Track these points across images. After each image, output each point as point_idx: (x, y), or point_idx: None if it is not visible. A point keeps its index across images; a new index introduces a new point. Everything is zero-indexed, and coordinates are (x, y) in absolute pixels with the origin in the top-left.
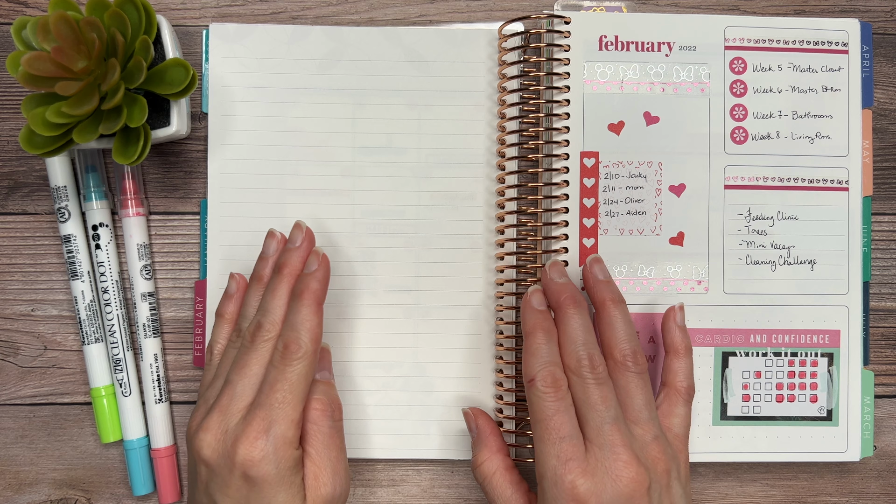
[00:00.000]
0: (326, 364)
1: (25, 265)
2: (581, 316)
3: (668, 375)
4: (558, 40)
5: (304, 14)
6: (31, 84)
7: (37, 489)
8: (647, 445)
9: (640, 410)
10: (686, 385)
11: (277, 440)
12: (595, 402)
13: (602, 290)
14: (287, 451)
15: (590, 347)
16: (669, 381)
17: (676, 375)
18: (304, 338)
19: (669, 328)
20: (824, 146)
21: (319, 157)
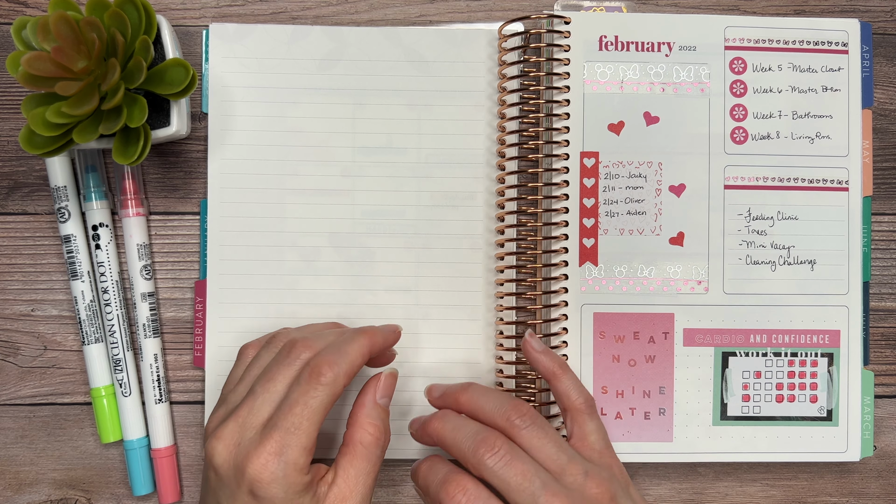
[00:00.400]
0: (389, 391)
1: (25, 265)
2: (450, 418)
3: (560, 400)
4: (558, 40)
5: (304, 14)
6: (31, 84)
7: (37, 489)
8: (583, 487)
9: (556, 458)
10: (582, 400)
11: (288, 466)
12: (517, 483)
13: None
14: (297, 478)
15: (477, 434)
16: (565, 404)
17: (568, 396)
18: (342, 365)
19: (534, 359)
20: (824, 146)
21: (319, 157)
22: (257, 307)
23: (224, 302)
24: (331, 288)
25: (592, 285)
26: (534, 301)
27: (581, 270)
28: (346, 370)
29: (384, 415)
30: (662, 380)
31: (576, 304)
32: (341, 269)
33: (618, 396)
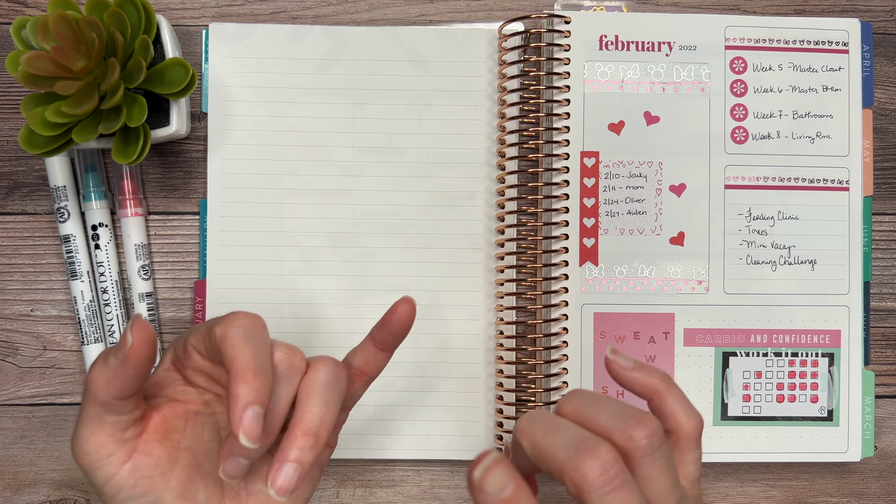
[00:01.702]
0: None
1: (25, 265)
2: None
3: (666, 421)
4: (558, 40)
5: (304, 14)
6: (31, 84)
7: (36, 489)
8: None
9: (666, 499)
10: (693, 425)
11: None
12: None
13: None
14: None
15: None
16: (671, 426)
17: (676, 419)
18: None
19: (629, 379)
20: (825, 146)
21: (319, 157)
22: (257, 307)
23: (224, 302)
24: (331, 288)
25: (593, 285)
26: (534, 301)
27: (581, 270)
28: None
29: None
30: None
31: (576, 304)
32: (341, 269)
33: (618, 397)
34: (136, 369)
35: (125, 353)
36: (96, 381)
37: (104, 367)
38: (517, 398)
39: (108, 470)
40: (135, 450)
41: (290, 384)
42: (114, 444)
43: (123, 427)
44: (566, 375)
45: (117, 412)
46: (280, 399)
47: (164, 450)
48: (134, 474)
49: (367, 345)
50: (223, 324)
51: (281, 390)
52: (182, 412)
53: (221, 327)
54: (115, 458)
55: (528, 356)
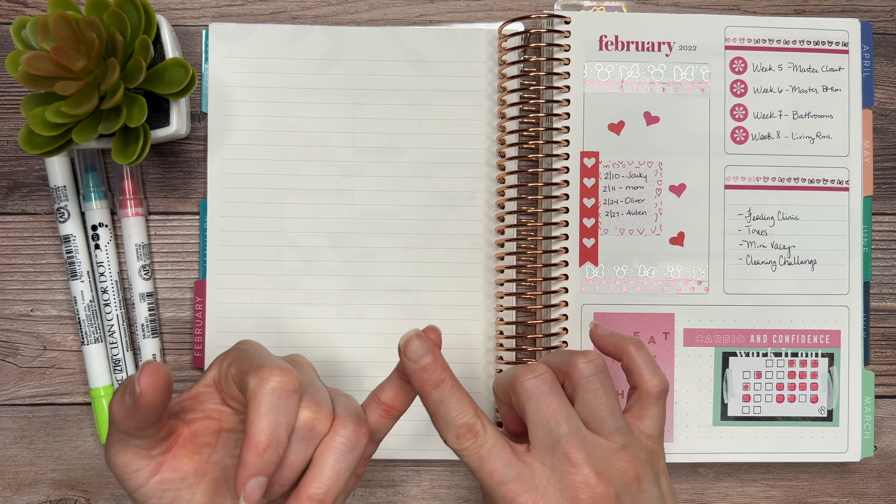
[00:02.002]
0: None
1: (25, 265)
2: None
3: (631, 377)
4: (558, 40)
5: (303, 14)
6: (31, 84)
7: (36, 489)
8: (613, 454)
9: (602, 422)
10: (656, 383)
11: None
12: (544, 417)
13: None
14: None
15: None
16: (636, 381)
17: (641, 375)
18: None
19: (603, 343)
20: (825, 146)
21: (319, 157)
22: (257, 307)
23: (224, 302)
24: (331, 288)
25: (592, 285)
26: (534, 301)
27: (581, 270)
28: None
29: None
30: None
31: (576, 304)
32: (341, 269)
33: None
34: (148, 412)
35: (135, 398)
36: (116, 413)
37: (121, 403)
38: None
39: (137, 481)
40: (162, 465)
41: (308, 447)
42: (141, 461)
43: (149, 447)
44: None
45: (139, 438)
46: (296, 460)
47: (192, 464)
48: (160, 487)
49: (394, 378)
50: (256, 379)
51: (298, 452)
52: (215, 429)
53: (254, 384)
54: (143, 472)
55: (528, 356)
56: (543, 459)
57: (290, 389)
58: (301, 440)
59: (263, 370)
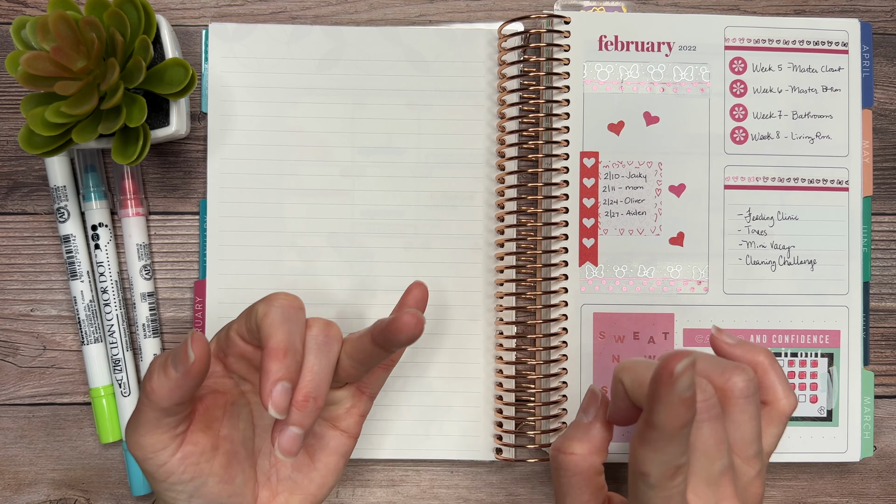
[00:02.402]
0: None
1: (25, 265)
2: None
3: (766, 393)
4: (558, 40)
5: (303, 14)
6: (31, 84)
7: (36, 489)
8: (749, 484)
9: (749, 446)
10: (788, 402)
11: None
12: (707, 446)
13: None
14: None
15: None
16: (769, 399)
17: (776, 392)
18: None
19: (733, 355)
20: (824, 146)
21: (319, 157)
22: None
23: (224, 302)
24: (331, 288)
25: (592, 285)
26: (534, 301)
27: (581, 270)
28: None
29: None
30: None
31: (576, 304)
32: (341, 269)
33: None
34: (197, 381)
35: (187, 367)
36: (158, 391)
37: (165, 378)
38: (517, 398)
39: (161, 459)
40: (184, 440)
41: (329, 353)
42: (167, 439)
43: (176, 424)
44: (566, 375)
45: (174, 414)
46: (324, 366)
47: (207, 438)
48: (183, 462)
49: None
50: (265, 303)
51: (322, 358)
52: (222, 402)
53: (263, 306)
54: (167, 450)
55: (528, 356)
56: (699, 491)
57: (297, 306)
58: (319, 349)
59: (269, 296)
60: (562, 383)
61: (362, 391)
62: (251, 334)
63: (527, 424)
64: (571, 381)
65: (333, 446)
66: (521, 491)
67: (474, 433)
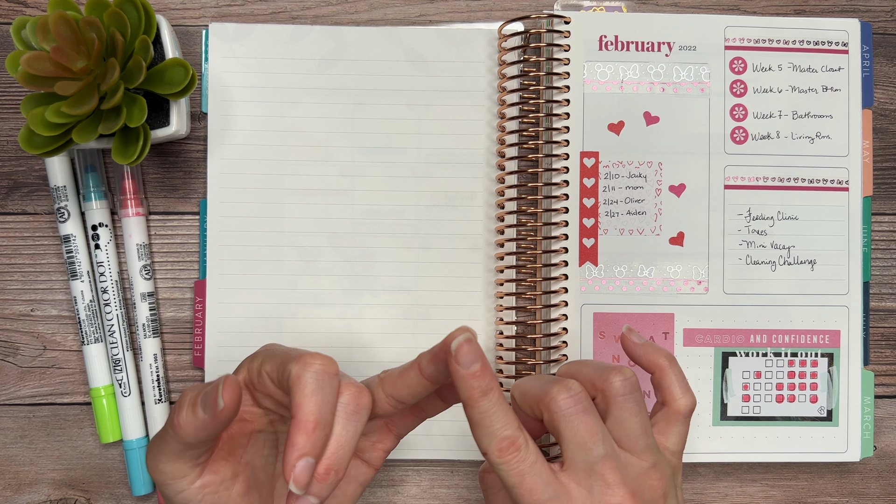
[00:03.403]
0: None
1: (25, 265)
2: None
3: (662, 393)
4: (558, 40)
5: (303, 14)
6: (31, 84)
7: (36, 489)
8: (644, 474)
9: (636, 440)
10: (685, 402)
11: None
12: (581, 438)
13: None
14: None
15: (557, 380)
16: (666, 398)
17: (672, 392)
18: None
19: (636, 353)
20: (824, 146)
21: (319, 157)
22: (257, 307)
23: (224, 302)
24: (331, 288)
25: (592, 285)
26: (534, 301)
27: (581, 270)
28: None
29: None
30: None
31: (576, 304)
32: (341, 269)
33: None
34: (225, 424)
35: (215, 412)
36: (185, 428)
37: (192, 416)
38: None
39: (180, 486)
40: (204, 469)
41: (357, 423)
42: (188, 468)
43: (199, 455)
44: None
45: (198, 448)
46: (350, 437)
47: (228, 466)
48: (202, 490)
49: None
50: (299, 365)
51: (349, 429)
52: (248, 430)
53: (297, 369)
54: (187, 479)
55: (528, 356)
56: (580, 480)
57: (332, 372)
58: (348, 418)
59: (305, 356)
60: None
61: (390, 429)
62: (282, 385)
63: None
64: None
65: (353, 475)
66: None
67: None
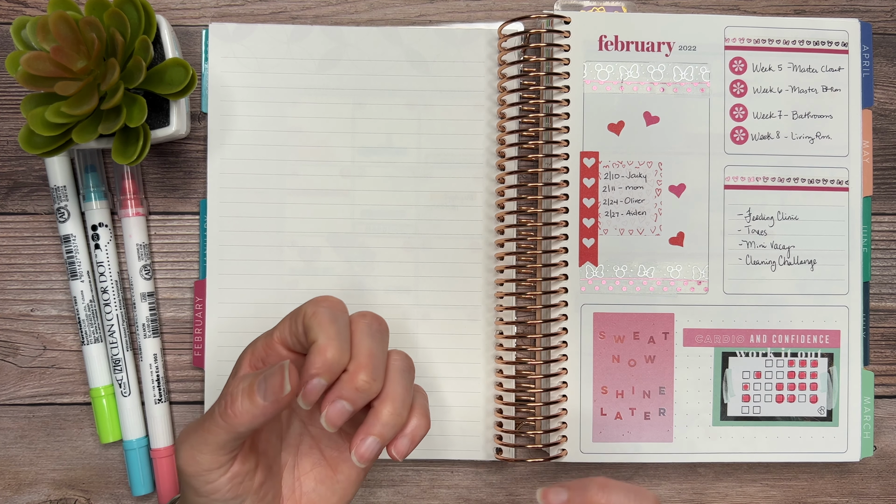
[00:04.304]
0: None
1: (25, 265)
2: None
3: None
4: (558, 40)
5: (303, 14)
6: (31, 84)
7: (36, 489)
8: None
9: None
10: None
11: None
12: None
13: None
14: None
15: None
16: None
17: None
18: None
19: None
20: (824, 146)
21: (319, 157)
22: (257, 307)
23: (224, 302)
24: (331, 288)
25: (592, 285)
26: (534, 301)
27: (581, 270)
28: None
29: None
30: (662, 380)
31: (576, 304)
32: (341, 269)
33: (618, 396)
34: (283, 408)
35: (279, 396)
36: (241, 417)
37: (250, 405)
38: (517, 398)
39: (212, 478)
40: (234, 460)
41: (383, 341)
42: (225, 459)
43: (237, 446)
44: (566, 375)
45: (243, 438)
46: (381, 351)
47: (253, 456)
48: (231, 481)
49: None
50: (312, 304)
51: (378, 344)
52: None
53: (311, 306)
54: (221, 469)
55: (528, 356)
56: None
57: (342, 308)
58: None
59: (316, 298)
60: (562, 383)
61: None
62: (295, 337)
63: (527, 424)
64: (571, 381)
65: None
66: (521, 491)
67: (474, 433)
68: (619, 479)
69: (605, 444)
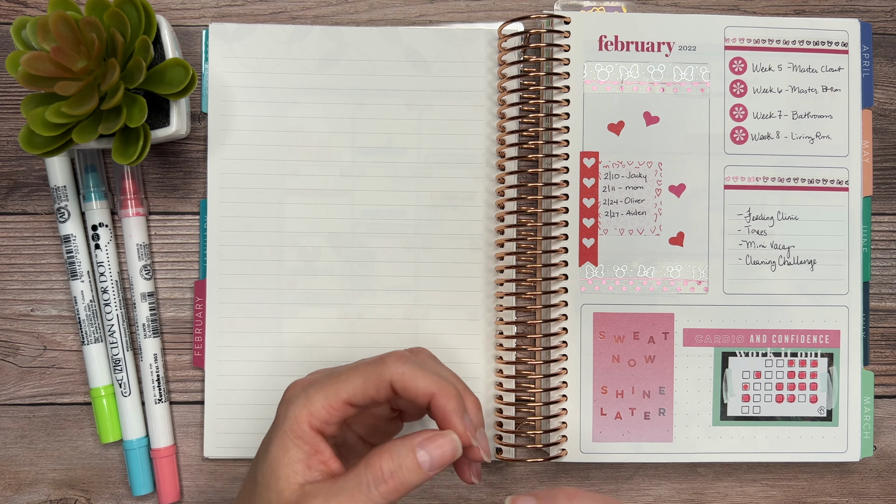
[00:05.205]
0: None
1: (25, 265)
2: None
3: None
4: (558, 40)
5: (303, 14)
6: (31, 84)
7: (36, 489)
8: None
9: None
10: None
11: None
12: None
13: None
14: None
15: None
16: None
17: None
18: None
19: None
20: (824, 146)
21: (319, 157)
22: (257, 307)
23: (224, 302)
24: (331, 288)
25: (592, 285)
26: (534, 301)
27: (581, 270)
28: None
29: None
30: (662, 380)
31: (576, 304)
32: (341, 269)
33: (618, 396)
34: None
35: (445, 464)
36: (405, 489)
37: (418, 478)
38: (517, 398)
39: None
40: (310, 467)
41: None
42: (303, 468)
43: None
44: (566, 375)
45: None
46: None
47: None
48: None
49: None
50: (396, 363)
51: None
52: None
53: (396, 366)
54: (299, 476)
55: (528, 356)
56: None
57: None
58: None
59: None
60: (562, 383)
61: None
62: (378, 397)
63: (527, 424)
64: (571, 381)
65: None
66: (521, 491)
67: None
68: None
69: (604, 444)
